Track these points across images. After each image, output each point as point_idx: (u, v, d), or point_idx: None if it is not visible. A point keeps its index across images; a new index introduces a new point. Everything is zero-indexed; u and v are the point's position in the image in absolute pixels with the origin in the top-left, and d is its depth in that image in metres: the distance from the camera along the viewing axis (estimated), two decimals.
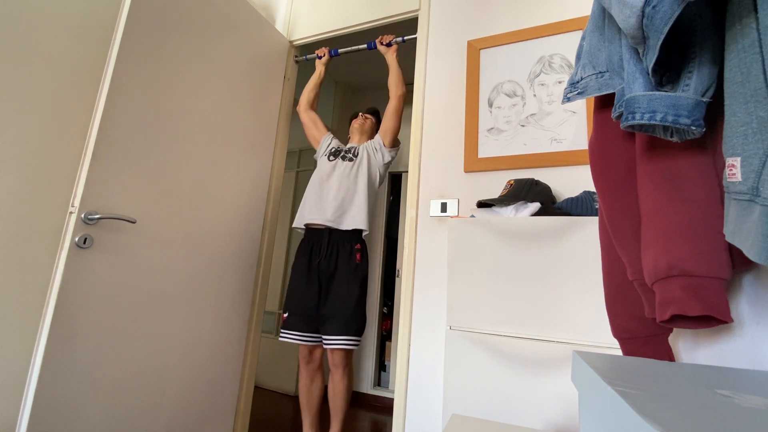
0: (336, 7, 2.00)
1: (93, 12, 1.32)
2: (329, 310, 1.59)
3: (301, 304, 1.62)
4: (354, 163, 1.71)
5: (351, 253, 1.63)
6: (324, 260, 1.63)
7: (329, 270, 1.63)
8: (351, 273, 1.62)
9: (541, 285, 1.00)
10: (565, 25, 1.42)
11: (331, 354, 1.58)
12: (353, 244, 1.64)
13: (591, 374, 0.39)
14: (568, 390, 0.92)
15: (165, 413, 1.35)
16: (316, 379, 1.65)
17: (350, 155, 1.74)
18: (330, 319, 1.57)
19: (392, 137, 1.77)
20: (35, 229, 1.14)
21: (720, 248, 0.48)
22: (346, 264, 1.62)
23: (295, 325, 1.60)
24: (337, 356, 1.58)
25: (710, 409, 0.28)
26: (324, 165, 1.76)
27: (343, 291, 1.60)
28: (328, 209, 1.64)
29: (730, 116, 0.42)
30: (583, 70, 0.65)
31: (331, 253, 1.63)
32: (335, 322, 1.56)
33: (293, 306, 1.63)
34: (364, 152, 1.74)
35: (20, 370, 1.07)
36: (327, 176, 1.71)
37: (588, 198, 1.12)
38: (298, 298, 1.63)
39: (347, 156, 1.74)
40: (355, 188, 1.68)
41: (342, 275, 1.62)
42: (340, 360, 1.58)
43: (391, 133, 1.76)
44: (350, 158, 1.73)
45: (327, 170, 1.73)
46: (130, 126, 1.24)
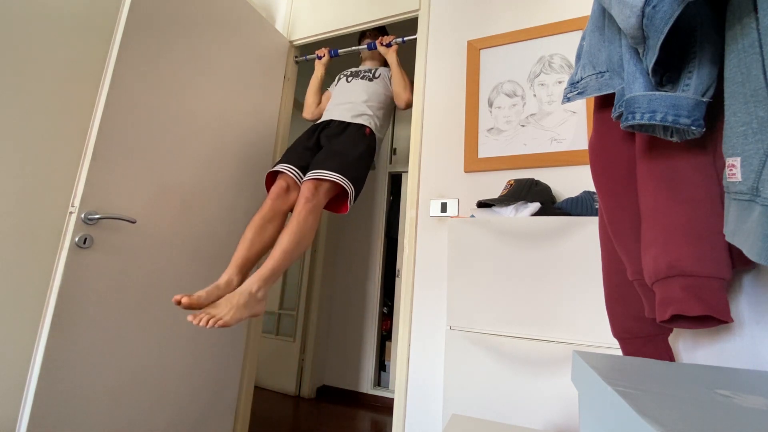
0: (336, 7, 2.00)
1: (93, 12, 1.32)
2: (326, 153, 1.44)
3: (297, 146, 1.54)
4: (374, 82, 1.73)
5: (360, 128, 1.59)
6: (330, 128, 1.58)
7: (334, 133, 1.55)
8: (358, 136, 1.54)
9: (541, 285, 1.00)
10: (565, 25, 1.42)
11: (303, 185, 1.35)
12: (363, 126, 1.60)
13: (591, 374, 0.39)
14: (568, 390, 0.92)
15: (165, 413, 1.35)
16: (276, 221, 1.37)
17: (370, 74, 1.76)
18: (325, 159, 1.40)
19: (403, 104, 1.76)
20: (35, 229, 1.14)
21: (720, 248, 0.48)
22: (354, 131, 1.56)
23: (285, 159, 1.48)
24: (310, 187, 1.33)
25: (710, 409, 0.28)
26: (342, 84, 1.77)
27: (346, 144, 1.48)
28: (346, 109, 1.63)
29: (730, 116, 0.42)
30: (583, 70, 0.65)
31: (339, 125, 1.59)
32: (331, 161, 1.38)
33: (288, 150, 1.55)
34: (385, 73, 1.77)
35: (20, 370, 1.07)
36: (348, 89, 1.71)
37: (588, 198, 1.12)
38: (295, 145, 1.56)
39: (366, 75, 1.76)
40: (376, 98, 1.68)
41: (348, 136, 1.53)
42: (310, 192, 1.32)
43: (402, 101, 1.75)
44: (370, 77, 1.75)
45: (347, 86, 1.73)
46: (130, 126, 1.24)
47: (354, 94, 1.68)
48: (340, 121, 1.61)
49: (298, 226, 1.27)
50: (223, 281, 1.18)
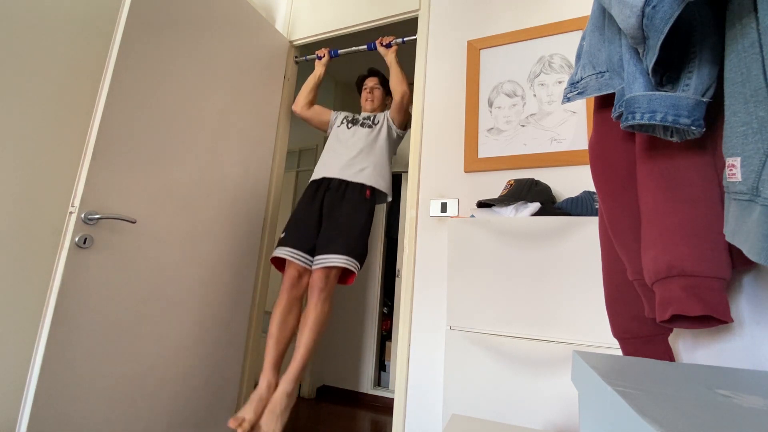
0: (336, 7, 2.00)
1: (93, 12, 1.32)
2: (330, 231, 1.48)
3: (300, 223, 1.54)
4: (374, 130, 1.70)
5: (361, 190, 1.58)
6: (331, 192, 1.57)
7: (335, 199, 1.55)
8: (359, 202, 1.54)
9: (541, 285, 1.00)
10: (565, 25, 1.42)
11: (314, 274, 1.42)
12: (364, 187, 1.59)
13: (591, 374, 0.39)
14: (568, 390, 0.92)
15: (165, 413, 1.35)
16: (294, 309, 1.47)
17: (369, 122, 1.74)
18: (330, 239, 1.46)
19: (400, 124, 1.77)
20: (35, 229, 1.14)
21: (720, 248, 0.48)
22: (356, 195, 1.56)
23: (289, 241, 1.49)
24: (321, 276, 1.41)
25: (710, 409, 0.28)
26: (342, 131, 1.74)
27: (348, 215, 1.51)
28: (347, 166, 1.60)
29: (730, 116, 0.42)
30: (583, 70, 0.65)
31: (339, 187, 1.58)
32: (335, 242, 1.44)
33: (292, 225, 1.55)
34: (384, 121, 1.74)
35: (20, 370, 1.07)
36: (347, 139, 1.69)
37: (588, 198, 1.12)
38: (298, 219, 1.55)
39: (366, 123, 1.74)
40: (379, 153, 1.66)
41: (348, 203, 1.54)
42: (322, 281, 1.41)
43: (398, 122, 1.76)
44: (369, 125, 1.72)
45: (346, 135, 1.71)
46: (130, 126, 1.24)
47: (352, 147, 1.66)
48: (340, 180, 1.59)
49: (317, 319, 1.40)
50: (264, 387, 1.34)
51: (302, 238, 1.50)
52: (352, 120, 1.77)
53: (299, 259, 1.47)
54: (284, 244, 1.51)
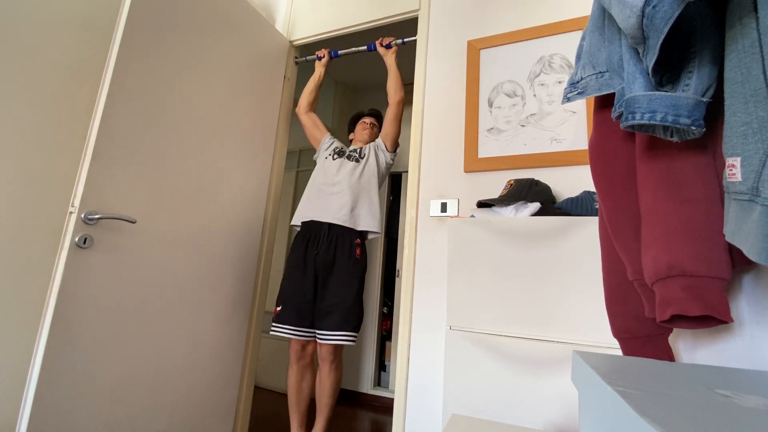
0: (336, 7, 2.00)
1: (93, 12, 1.32)
2: (327, 304, 1.53)
3: (295, 296, 1.56)
4: (360, 164, 1.70)
5: (351, 247, 1.59)
6: (322, 253, 1.58)
7: (327, 262, 1.57)
8: (350, 266, 1.57)
9: (541, 285, 1.00)
10: (565, 25, 1.42)
11: (323, 347, 1.53)
12: (353, 239, 1.60)
13: (591, 374, 0.39)
14: (568, 390, 0.92)
15: (165, 413, 1.35)
16: (307, 376, 1.60)
17: (356, 155, 1.73)
18: (328, 313, 1.52)
19: (392, 142, 1.77)
20: (35, 229, 1.14)
21: (720, 248, 0.48)
22: (346, 258, 1.58)
23: (289, 319, 1.54)
24: (330, 350, 1.53)
25: (710, 409, 0.28)
26: (328, 164, 1.72)
27: (342, 284, 1.55)
28: (334, 208, 1.61)
29: (730, 116, 0.42)
30: (583, 70, 0.65)
31: (329, 245, 1.58)
32: (333, 316, 1.51)
33: (287, 298, 1.57)
34: (371, 152, 1.73)
35: (20, 370, 1.07)
36: (333, 175, 1.68)
37: (588, 198, 1.12)
38: (293, 291, 1.57)
39: (353, 156, 1.72)
40: (365, 188, 1.66)
41: (340, 269, 1.57)
42: (330, 354, 1.53)
43: (392, 138, 1.76)
44: (356, 158, 1.71)
45: (332, 169, 1.69)
46: (130, 126, 1.24)
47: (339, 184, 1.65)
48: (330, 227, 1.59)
49: (332, 384, 1.56)
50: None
51: (300, 315, 1.55)
52: (339, 152, 1.75)
53: (301, 335, 1.55)
54: (283, 321, 1.55)
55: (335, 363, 1.55)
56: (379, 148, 1.76)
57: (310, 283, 1.57)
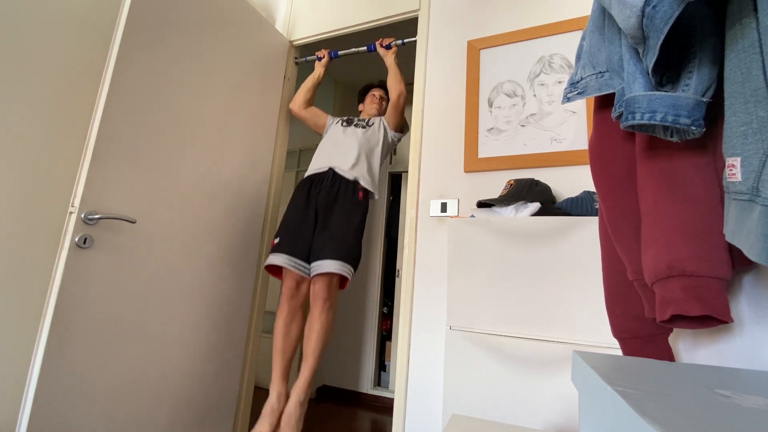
0: (336, 7, 2.00)
1: (93, 12, 1.32)
2: (325, 236, 1.47)
3: (294, 229, 1.52)
4: (368, 130, 1.72)
5: (354, 189, 1.57)
6: (324, 192, 1.56)
7: (329, 201, 1.55)
8: (353, 205, 1.54)
9: (541, 285, 1.00)
10: (565, 25, 1.42)
11: (316, 283, 1.42)
12: (357, 185, 1.59)
13: (591, 374, 0.39)
14: (568, 390, 0.92)
15: (165, 413, 1.34)
16: (297, 318, 1.49)
17: (363, 123, 1.75)
18: (325, 245, 1.45)
19: (395, 127, 1.78)
20: (35, 229, 1.14)
21: (720, 248, 0.48)
22: (349, 197, 1.55)
23: (285, 248, 1.47)
24: (323, 285, 1.42)
25: (710, 409, 0.28)
26: (336, 130, 1.76)
27: (342, 220, 1.50)
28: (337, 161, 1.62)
29: (730, 116, 0.42)
30: (583, 70, 0.65)
31: (332, 187, 1.57)
32: (330, 247, 1.44)
33: (285, 230, 1.53)
34: (379, 124, 1.76)
35: (20, 370, 1.07)
36: (340, 137, 1.71)
37: (588, 198, 1.12)
38: (292, 224, 1.54)
39: (360, 124, 1.75)
40: (370, 151, 1.67)
41: (342, 206, 1.53)
42: (325, 291, 1.42)
43: (393, 124, 1.77)
44: (363, 126, 1.74)
45: (340, 133, 1.73)
46: (130, 126, 1.24)
47: (346, 144, 1.67)
48: (333, 175, 1.60)
49: (323, 328, 1.43)
50: (274, 399, 1.38)
51: (298, 245, 1.49)
52: (347, 121, 1.79)
53: (297, 267, 1.47)
54: (279, 250, 1.49)
55: (329, 303, 1.44)
56: (384, 125, 1.77)
57: (310, 218, 1.54)
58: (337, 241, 1.46)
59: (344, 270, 1.42)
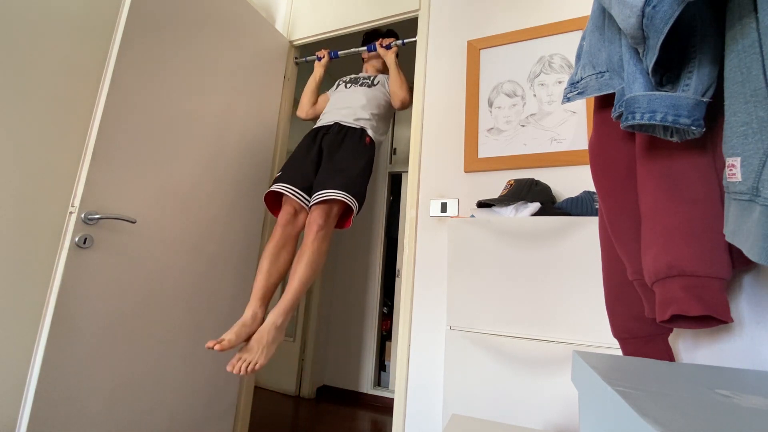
0: (336, 7, 2.00)
1: (93, 12, 1.31)
2: (329, 169, 1.43)
3: (297, 163, 1.50)
4: (372, 89, 1.72)
5: (361, 136, 1.57)
6: (331, 135, 1.55)
7: (335, 143, 1.53)
8: (360, 147, 1.53)
9: (541, 285, 1.00)
10: (565, 25, 1.42)
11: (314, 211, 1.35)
12: (364, 132, 1.58)
13: (591, 374, 0.39)
14: (568, 390, 0.92)
15: (165, 413, 1.34)
16: (288, 246, 1.41)
17: (369, 81, 1.75)
18: (329, 178, 1.40)
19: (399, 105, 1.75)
20: (35, 229, 1.14)
21: (720, 248, 0.48)
22: (356, 140, 1.54)
23: (286, 178, 1.44)
24: (321, 213, 1.34)
25: (710, 409, 0.28)
26: (341, 90, 1.76)
27: (348, 157, 1.47)
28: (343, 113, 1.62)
29: (730, 116, 0.42)
30: (583, 70, 0.65)
31: (339, 132, 1.57)
32: (334, 180, 1.39)
33: (287, 165, 1.51)
34: (384, 80, 1.76)
35: (20, 370, 1.07)
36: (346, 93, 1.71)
37: (588, 198, 1.12)
38: (296, 159, 1.52)
39: (366, 82, 1.75)
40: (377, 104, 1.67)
41: (348, 147, 1.51)
42: (321, 218, 1.34)
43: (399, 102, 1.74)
44: (369, 84, 1.74)
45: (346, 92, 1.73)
46: (130, 126, 1.24)
47: (353, 100, 1.68)
48: (341, 125, 1.60)
49: (313, 255, 1.32)
50: (249, 316, 1.26)
51: (300, 176, 1.45)
52: (351, 80, 1.80)
53: (296, 195, 1.41)
54: (280, 180, 1.45)
55: (324, 231, 1.34)
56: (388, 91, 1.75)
57: (314, 155, 1.51)
58: (341, 174, 1.40)
59: (347, 198, 1.35)
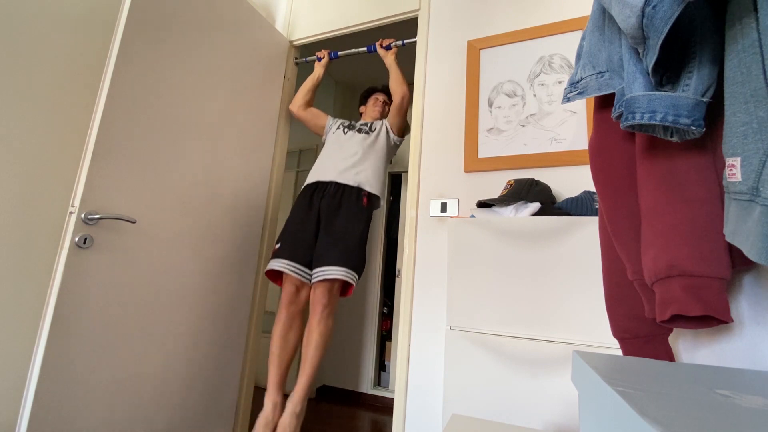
0: (336, 7, 2.00)
1: (93, 12, 1.31)
2: (328, 241, 1.44)
3: (295, 234, 1.49)
4: (371, 136, 1.69)
5: (358, 196, 1.55)
6: (327, 198, 1.54)
7: (332, 206, 1.52)
8: (356, 211, 1.51)
9: (541, 285, 1.00)
10: (565, 25, 1.42)
11: (317, 289, 1.38)
12: (361, 191, 1.56)
13: (591, 374, 0.39)
14: (568, 390, 0.92)
15: (165, 413, 1.34)
16: (295, 325, 1.45)
17: (366, 128, 1.71)
18: (327, 251, 1.41)
19: (398, 130, 1.76)
20: (35, 230, 1.14)
21: (720, 248, 0.48)
22: (353, 203, 1.52)
23: (286, 253, 1.44)
24: (324, 291, 1.38)
25: (710, 409, 0.28)
26: (338, 135, 1.72)
27: (346, 225, 1.47)
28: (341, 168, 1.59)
29: (730, 116, 0.42)
30: (583, 70, 0.65)
31: (336, 193, 1.54)
32: (333, 252, 1.40)
33: (286, 235, 1.50)
34: (381, 128, 1.72)
35: (20, 370, 1.07)
36: (343, 143, 1.67)
37: (588, 198, 1.12)
38: (293, 229, 1.51)
39: (363, 129, 1.71)
40: (375, 156, 1.64)
41: (346, 212, 1.50)
42: (325, 296, 1.38)
43: (397, 127, 1.75)
44: (367, 131, 1.70)
45: (343, 139, 1.69)
46: (130, 126, 1.24)
47: (349, 150, 1.64)
48: (337, 184, 1.57)
49: (321, 337, 1.38)
50: (270, 408, 1.35)
51: (299, 250, 1.47)
52: (348, 126, 1.75)
53: (297, 272, 1.44)
54: (280, 256, 1.46)
55: (328, 309, 1.40)
56: (387, 128, 1.74)
57: (312, 223, 1.50)
58: (340, 246, 1.42)
59: (348, 276, 1.39)
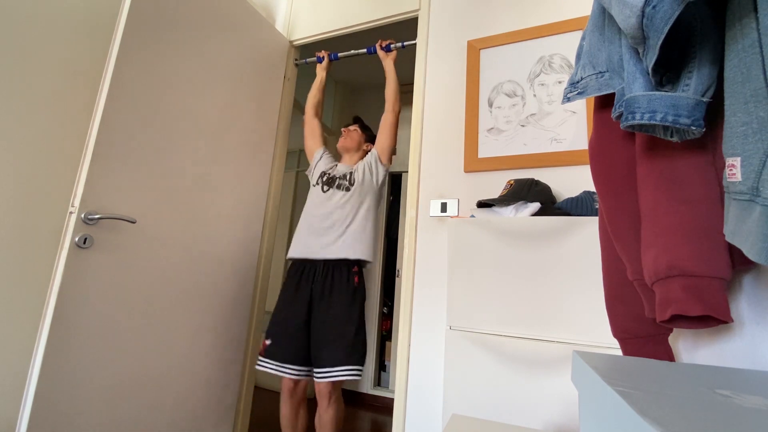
0: (336, 7, 2.00)
1: (93, 12, 1.32)
2: (325, 337, 1.39)
3: (288, 331, 1.43)
4: (351, 192, 1.57)
5: (348, 275, 1.47)
6: (317, 283, 1.46)
7: (323, 292, 1.44)
8: (349, 295, 1.44)
9: (541, 285, 1.00)
10: (565, 25, 1.42)
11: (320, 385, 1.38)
12: (350, 267, 1.49)
13: (591, 374, 0.39)
14: (568, 390, 0.92)
15: (165, 413, 1.34)
16: (301, 411, 1.48)
17: (346, 183, 1.59)
18: (327, 348, 1.38)
19: (389, 154, 1.67)
20: (35, 229, 1.14)
21: (720, 248, 0.48)
22: (344, 286, 1.45)
23: (278, 354, 1.41)
24: (328, 386, 1.37)
25: (710, 409, 0.28)
26: (317, 196, 1.61)
27: (341, 314, 1.41)
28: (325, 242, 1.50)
29: (730, 116, 0.42)
30: (583, 70, 0.65)
31: (326, 276, 1.47)
32: (334, 351, 1.36)
33: (278, 331, 1.44)
34: (363, 174, 1.60)
35: (20, 370, 1.07)
36: (325, 201, 1.57)
37: (588, 198, 1.12)
38: (285, 324, 1.44)
39: (343, 185, 1.59)
40: (358, 218, 1.54)
41: (338, 298, 1.43)
42: (329, 389, 1.38)
43: (389, 150, 1.66)
44: (346, 187, 1.58)
45: (323, 198, 1.59)
46: (130, 126, 1.24)
47: (333, 217, 1.53)
48: (325, 262, 1.48)
49: (332, 419, 1.41)
50: None
51: (291, 349, 1.41)
52: (329, 180, 1.62)
53: (293, 373, 1.41)
54: (273, 357, 1.41)
55: (335, 395, 1.41)
56: (373, 164, 1.63)
57: (303, 314, 1.44)
58: (340, 343, 1.37)
59: (352, 373, 1.36)
